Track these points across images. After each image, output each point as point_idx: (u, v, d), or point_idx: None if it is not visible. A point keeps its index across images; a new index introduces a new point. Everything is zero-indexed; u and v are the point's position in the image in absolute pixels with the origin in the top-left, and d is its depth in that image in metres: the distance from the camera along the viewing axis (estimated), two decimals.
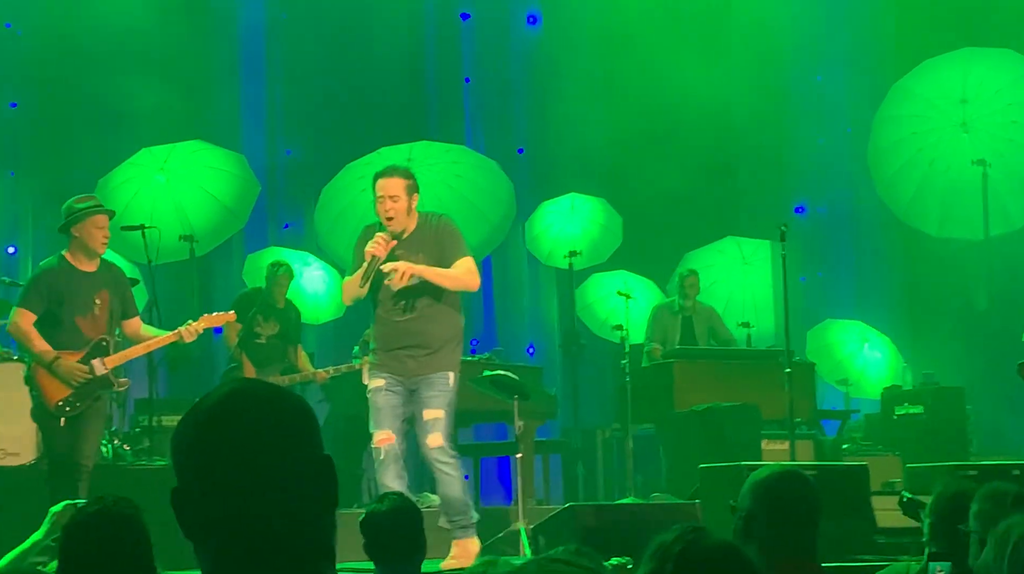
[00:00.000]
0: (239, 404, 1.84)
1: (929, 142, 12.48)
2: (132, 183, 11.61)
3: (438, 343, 7.48)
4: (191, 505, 1.83)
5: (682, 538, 2.43)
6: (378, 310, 7.59)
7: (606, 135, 13.75)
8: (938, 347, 12.95)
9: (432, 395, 7.40)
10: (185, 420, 1.87)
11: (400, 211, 7.35)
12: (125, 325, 7.95)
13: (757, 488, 3.96)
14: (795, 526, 3.88)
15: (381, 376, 7.50)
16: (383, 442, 7.43)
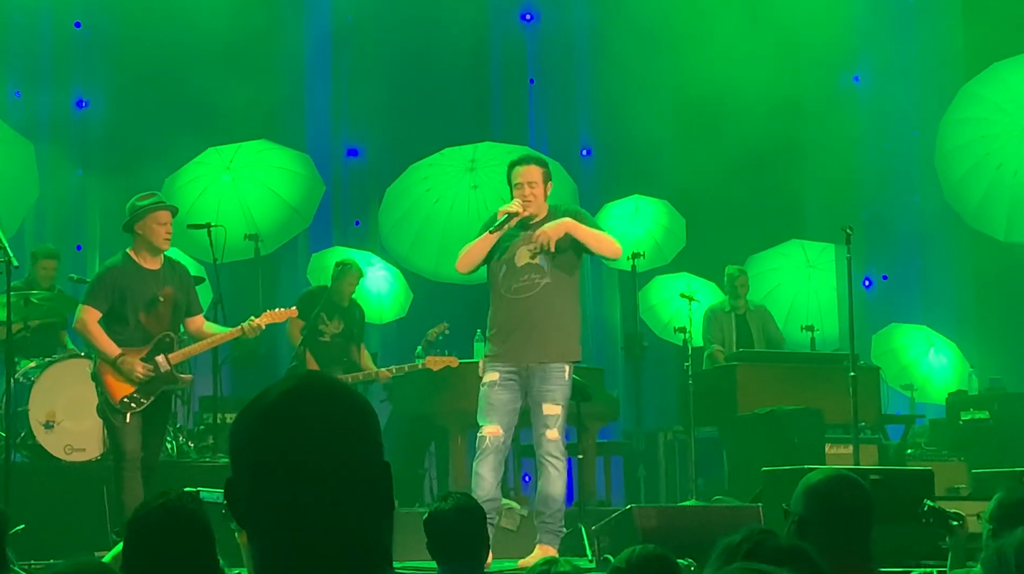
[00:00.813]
0: (301, 400, 1.80)
1: (996, 146, 12.33)
2: (198, 182, 11.72)
3: (556, 329, 7.55)
4: (243, 498, 1.80)
5: (749, 539, 2.42)
6: (497, 291, 7.68)
7: (671, 137, 13.72)
8: (1004, 352, 12.81)
9: (549, 390, 7.48)
10: (245, 412, 1.84)
11: (538, 196, 7.64)
12: (189, 322, 8.01)
13: (810, 492, 3.92)
14: (848, 530, 3.84)
15: (496, 369, 7.57)
16: (490, 433, 7.53)
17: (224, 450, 9.97)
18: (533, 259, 7.56)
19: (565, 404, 7.57)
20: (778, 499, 7.30)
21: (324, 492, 1.77)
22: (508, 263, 7.61)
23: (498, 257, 7.65)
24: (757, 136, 13.24)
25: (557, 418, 7.47)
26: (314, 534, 1.76)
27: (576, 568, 4.62)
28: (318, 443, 1.77)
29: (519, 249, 7.59)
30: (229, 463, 1.85)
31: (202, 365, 10.13)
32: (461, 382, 10.59)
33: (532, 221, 7.63)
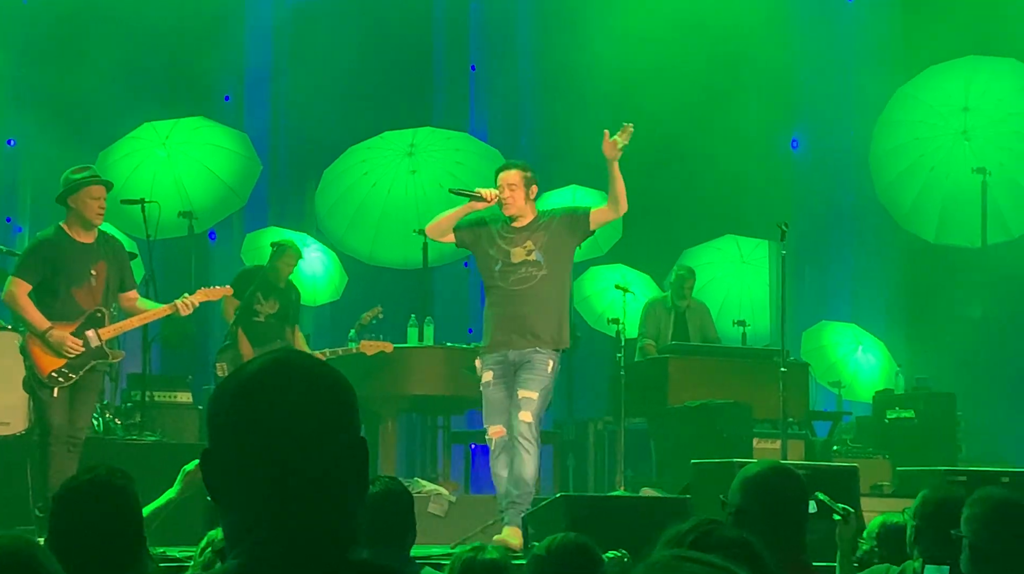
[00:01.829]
0: (280, 374, 1.80)
1: (930, 149, 12.48)
2: (133, 157, 11.61)
3: (549, 318, 7.99)
4: (218, 470, 1.80)
5: (697, 529, 2.43)
6: (495, 285, 8.08)
7: (610, 126, 13.73)
8: (931, 353, 12.97)
9: (529, 378, 7.89)
10: (224, 384, 1.84)
11: (517, 199, 8.01)
12: (122, 298, 7.94)
13: (747, 483, 3.95)
14: (786, 522, 3.87)
15: (489, 367, 8.01)
16: (496, 434, 7.99)
17: (151, 428, 9.90)
18: (529, 256, 7.99)
19: (543, 395, 7.92)
20: (706, 491, 7.37)
21: (299, 466, 1.77)
22: (504, 260, 8.03)
23: (494, 252, 8.06)
24: (696, 129, 13.31)
25: (531, 402, 7.83)
26: (286, 508, 1.76)
27: (504, 553, 4.63)
28: (295, 416, 1.78)
29: (514, 247, 8.02)
30: (207, 434, 1.84)
31: (132, 342, 10.05)
32: (394, 367, 10.59)
33: (515, 223, 8.05)
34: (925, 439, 11.13)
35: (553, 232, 8.05)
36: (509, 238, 8.05)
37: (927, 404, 11.52)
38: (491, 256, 8.07)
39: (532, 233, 8.05)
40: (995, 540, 4.05)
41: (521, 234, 8.04)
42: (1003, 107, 12.28)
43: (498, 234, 8.09)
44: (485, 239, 8.12)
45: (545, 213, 8.19)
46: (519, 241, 8.02)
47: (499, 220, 8.10)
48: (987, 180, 11.98)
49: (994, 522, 4.07)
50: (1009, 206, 12.35)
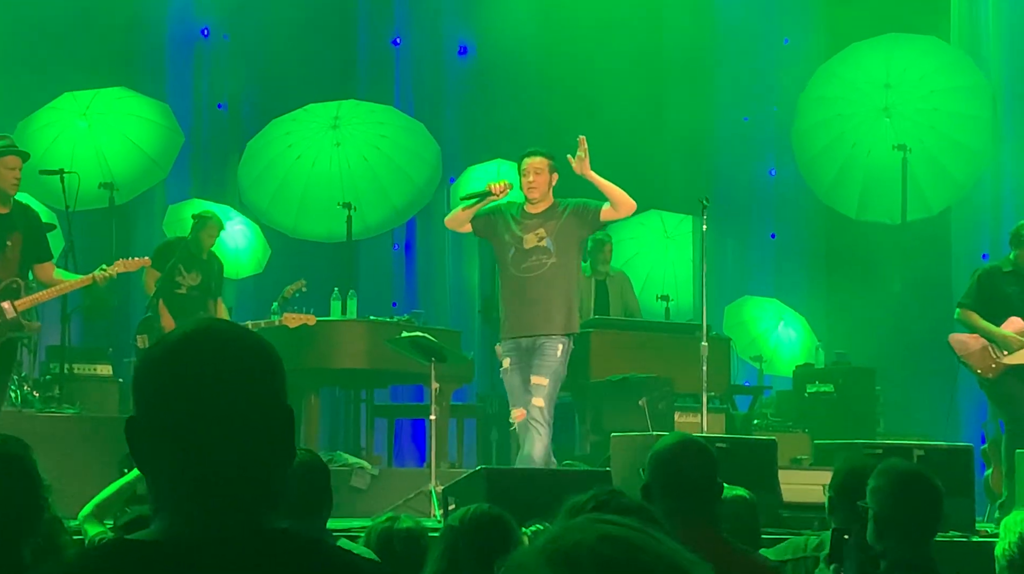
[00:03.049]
0: (206, 341, 1.81)
1: (851, 125, 12.59)
2: (52, 127, 11.47)
3: (558, 304, 8.29)
4: (143, 437, 1.80)
5: (596, 498, 2.45)
6: (507, 271, 8.41)
7: (535, 101, 13.74)
8: (851, 328, 13.12)
9: (540, 364, 8.24)
10: (150, 351, 1.84)
11: (540, 185, 8.34)
12: (38, 269, 7.85)
13: (655, 458, 3.96)
14: (692, 496, 3.87)
15: (507, 354, 8.36)
16: (518, 417, 8.38)
17: (70, 401, 9.79)
18: (540, 242, 8.27)
19: (554, 379, 8.26)
20: (625, 465, 7.42)
21: (222, 432, 1.77)
22: (517, 246, 8.31)
23: (507, 239, 8.35)
24: (619, 103, 13.34)
25: (542, 388, 8.19)
26: (209, 474, 1.77)
27: (417, 523, 4.63)
28: (219, 383, 1.78)
29: (528, 233, 8.29)
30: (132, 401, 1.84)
31: (51, 314, 9.93)
32: (317, 340, 10.54)
33: (531, 208, 8.35)
34: (844, 413, 11.27)
35: (565, 222, 8.34)
36: (524, 223, 8.35)
37: (846, 378, 11.66)
38: (506, 242, 8.39)
39: (546, 221, 8.33)
40: (898, 511, 4.11)
41: (535, 220, 8.34)
42: (924, 84, 12.41)
43: (513, 219, 8.39)
44: (501, 225, 8.39)
45: (561, 202, 8.45)
46: (532, 227, 8.31)
47: (515, 205, 8.44)
48: (907, 157, 12.12)
49: (897, 494, 4.13)
50: (929, 183, 12.50)
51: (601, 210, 8.38)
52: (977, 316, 9.25)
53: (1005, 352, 9.11)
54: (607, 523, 1.24)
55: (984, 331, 9.18)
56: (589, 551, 1.19)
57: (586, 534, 1.21)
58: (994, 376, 9.19)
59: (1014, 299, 9.20)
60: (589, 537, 1.20)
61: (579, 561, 1.18)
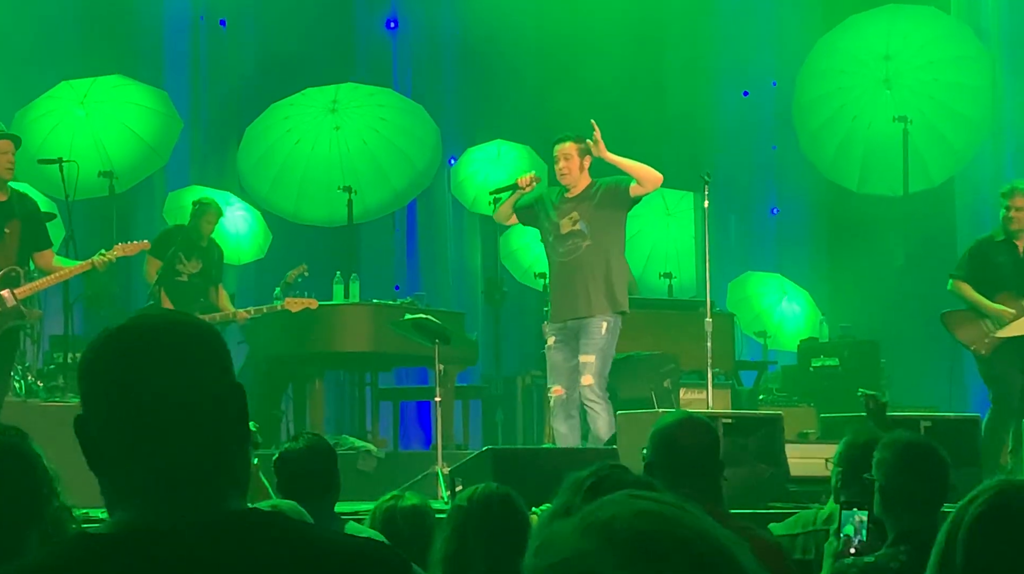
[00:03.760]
0: (149, 329, 1.81)
1: (852, 97, 12.55)
2: (50, 116, 11.43)
3: (599, 286, 8.40)
4: (94, 432, 1.79)
5: (596, 473, 2.43)
6: (551, 256, 8.62)
7: (534, 82, 13.71)
8: (855, 301, 13.09)
9: (585, 342, 8.35)
10: (92, 343, 1.83)
11: (572, 170, 8.46)
12: (37, 257, 7.83)
13: (656, 436, 3.95)
14: (693, 472, 3.86)
15: (551, 333, 8.51)
16: (555, 393, 8.48)
17: (74, 390, 9.76)
18: (575, 226, 8.44)
19: (601, 356, 8.34)
20: (632, 442, 7.40)
21: (169, 418, 1.76)
22: (554, 232, 8.50)
23: (547, 226, 8.55)
24: (619, 82, 13.31)
25: (590, 365, 8.30)
26: (161, 461, 1.76)
27: (423, 501, 4.62)
28: (162, 369, 1.77)
29: (563, 218, 8.46)
30: (80, 399, 1.84)
31: (53, 303, 9.92)
32: (320, 325, 10.53)
33: (568, 193, 8.49)
34: (849, 386, 11.22)
35: (597, 203, 8.45)
36: (560, 208, 8.52)
37: (851, 352, 11.64)
38: (546, 228, 8.60)
39: (579, 204, 8.47)
40: (904, 482, 4.09)
41: (570, 204, 8.50)
42: (924, 55, 12.36)
43: (552, 205, 8.56)
44: (541, 212, 8.58)
45: (595, 183, 8.56)
46: (567, 211, 8.47)
47: (555, 190, 8.63)
48: (908, 128, 12.08)
49: (903, 465, 4.11)
50: (930, 154, 12.46)
51: (630, 187, 8.45)
52: (969, 287, 9.17)
53: (997, 327, 9.04)
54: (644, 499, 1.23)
55: (976, 303, 9.10)
56: (625, 525, 1.17)
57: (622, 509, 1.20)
58: (987, 352, 9.10)
59: (1005, 268, 9.12)
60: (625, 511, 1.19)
61: (615, 535, 1.17)
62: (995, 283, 9.12)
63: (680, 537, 1.17)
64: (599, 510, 1.22)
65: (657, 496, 1.24)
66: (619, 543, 1.16)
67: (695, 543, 1.17)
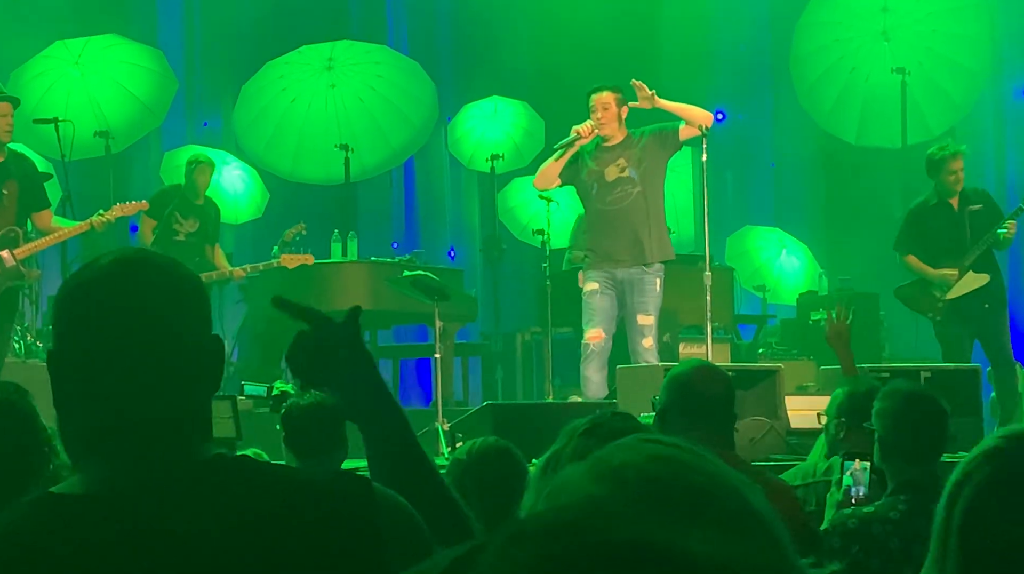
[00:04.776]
0: (123, 272, 1.76)
1: (850, 50, 12.49)
2: (46, 76, 11.39)
3: (651, 232, 8.29)
4: (64, 371, 1.75)
5: (592, 420, 2.43)
6: (592, 206, 8.44)
7: (530, 37, 13.65)
8: (854, 254, 13.08)
9: (642, 301, 8.24)
10: (67, 282, 1.79)
11: (610, 119, 8.32)
12: (36, 217, 7.83)
13: (672, 381, 3.99)
14: (709, 418, 3.90)
15: (595, 279, 8.34)
16: (593, 339, 8.31)
17: None
18: (623, 173, 8.29)
19: (657, 312, 8.33)
20: (631, 396, 7.42)
21: (145, 360, 1.73)
22: (599, 180, 8.32)
23: (585, 176, 8.37)
24: (614, 37, 13.25)
25: (651, 327, 8.26)
26: (133, 405, 1.72)
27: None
28: (139, 313, 1.74)
29: (607, 167, 8.29)
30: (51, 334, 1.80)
31: (51, 264, 9.90)
32: (318, 283, 10.52)
33: (607, 143, 8.33)
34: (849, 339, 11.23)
35: (645, 148, 8.34)
36: (602, 158, 8.35)
37: (850, 304, 11.60)
38: (585, 179, 8.40)
39: (625, 150, 8.34)
40: (902, 431, 4.10)
41: (613, 152, 8.34)
42: (922, 7, 12.30)
43: (589, 155, 8.38)
44: (579, 165, 8.38)
45: (636, 132, 8.43)
46: (612, 159, 8.31)
47: (591, 143, 8.40)
48: (906, 80, 12.03)
49: (900, 414, 4.13)
50: (929, 105, 12.42)
51: (680, 129, 8.37)
52: (915, 258, 9.44)
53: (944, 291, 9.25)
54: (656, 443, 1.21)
55: (922, 273, 9.36)
56: (638, 470, 1.16)
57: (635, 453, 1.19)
58: (941, 318, 9.33)
59: (942, 231, 9.28)
60: (638, 456, 1.18)
61: (627, 480, 1.16)
62: (936, 246, 9.33)
63: (694, 483, 1.16)
64: (611, 455, 1.21)
65: (670, 440, 1.23)
66: (631, 489, 1.16)
67: (710, 488, 1.16)
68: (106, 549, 1.64)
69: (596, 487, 1.16)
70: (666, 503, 1.14)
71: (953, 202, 9.33)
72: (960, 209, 9.36)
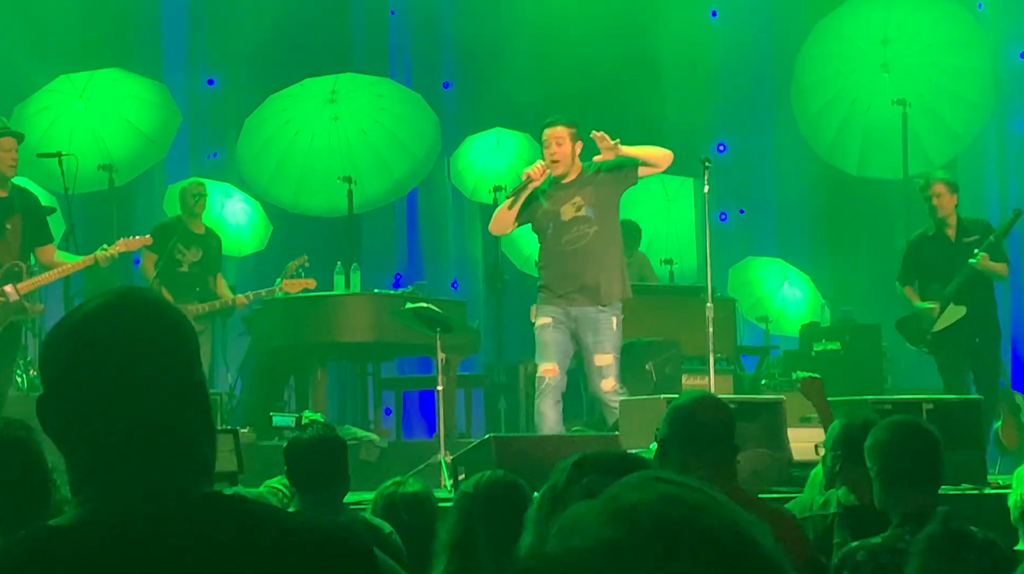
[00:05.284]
0: (114, 312, 1.77)
1: (851, 81, 12.54)
2: (50, 111, 11.44)
3: (608, 273, 8.09)
4: (55, 413, 1.77)
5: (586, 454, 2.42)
6: (548, 246, 8.22)
7: (533, 70, 13.69)
8: (856, 285, 13.09)
9: (599, 341, 8.04)
10: (59, 325, 1.80)
11: (565, 155, 8.06)
12: (39, 252, 7.85)
13: (673, 413, 3.99)
14: (709, 450, 3.90)
15: (548, 314, 8.15)
16: (548, 372, 8.15)
17: None
18: (579, 212, 8.06)
19: (616, 352, 8.12)
20: (634, 428, 7.41)
21: (139, 401, 1.74)
22: (554, 220, 8.10)
23: (540, 216, 8.15)
24: (616, 70, 13.30)
25: (611, 367, 8.07)
26: (128, 446, 1.74)
27: (424, 487, 4.63)
28: (131, 355, 1.75)
29: (563, 205, 8.07)
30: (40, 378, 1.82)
31: (54, 298, 9.92)
32: (321, 315, 10.54)
33: (562, 179, 8.10)
34: (851, 370, 11.24)
35: (600, 184, 8.13)
36: (557, 196, 8.12)
37: (852, 336, 11.63)
38: (540, 220, 8.18)
39: (580, 188, 8.12)
40: (901, 463, 4.11)
41: (569, 190, 8.11)
42: (921, 39, 12.35)
43: (543, 194, 8.14)
44: (533, 204, 8.18)
45: (590, 166, 8.19)
46: (567, 198, 8.09)
47: (545, 180, 8.16)
48: (907, 111, 12.06)
49: (897, 445, 4.14)
50: (929, 137, 12.46)
51: (638, 168, 8.20)
52: (910, 290, 9.74)
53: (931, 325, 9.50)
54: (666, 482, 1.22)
55: (912, 304, 9.63)
56: (649, 512, 1.17)
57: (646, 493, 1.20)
58: (930, 350, 9.68)
59: (937, 262, 9.44)
60: (649, 496, 1.19)
61: (640, 522, 1.16)
62: (932, 277, 9.57)
63: (705, 526, 1.17)
64: (621, 494, 1.21)
65: (678, 479, 1.24)
66: (644, 532, 1.16)
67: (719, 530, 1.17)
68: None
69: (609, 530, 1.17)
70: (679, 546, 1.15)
71: (950, 232, 9.44)
72: (957, 239, 9.44)
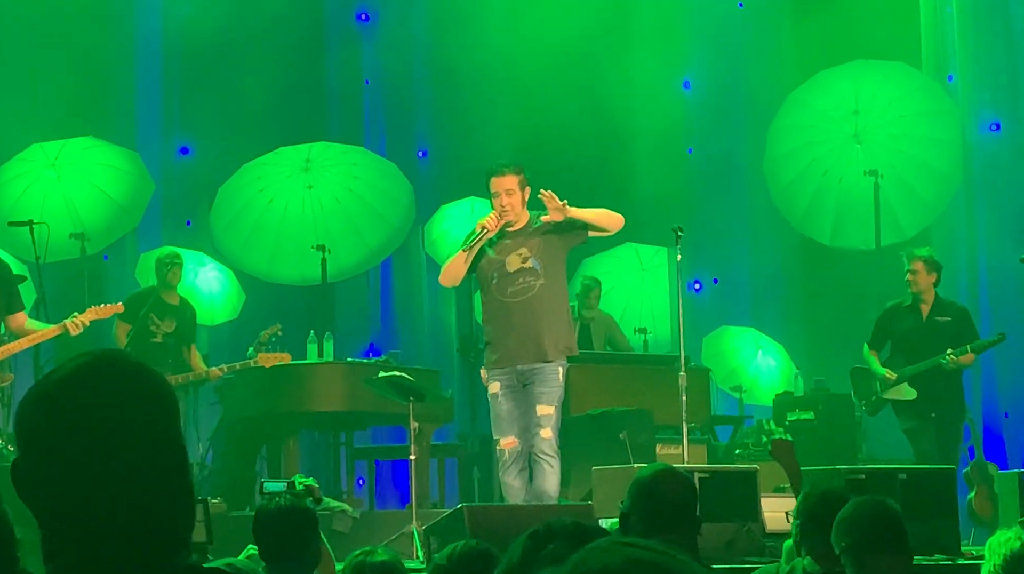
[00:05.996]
0: (92, 377, 1.73)
1: (822, 152, 12.65)
2: (22, 179, 11.44)
3: (554, 326, 7.89)
4: (30, 479, 1.72)
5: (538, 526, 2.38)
6: (492, 297, 7.97)
7: (507, 140, 13.74)
8: (829, 355, 13.10)
9: (543, 391, 7.84)
10: (35, 389, 1.76)
11: (515, 204, 7.87)
12: (10, 319, 7.81)
13: (635, 487, 3.98)
14: (671, 524, 3.87)
15: (496, 379, 7.94)
16: (507, 445, 7.99)
17: None
18: (525, 263, 7.85)
19: (558, 405, 7.94)
20: (607, 497, 7.38)
21: (115, 472, 1.70)
22: (499, 270, 7.90)
23: (484, 265, 7.96)
24: (591, 141, 13.38)
25: (550, 418, 7.85)
26: (105, 515, 1.69)
27: (393, 556, 4.58)
28: (108, 419, 1.71)
29: (508, 255, 7.88)
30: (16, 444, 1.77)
31: (24, 366, 9.84)
32: (294, 384, 10.49)
33: (511, 227, 7.91)
34: (825, 440, 11.24)
35: (547, 237, 7.91)
36: (502, 245, 7.91)
37: (826, 405, 11.64)
38: (484, 269, 7.96)
39: (527, 239, 7.91)
40: (878, 528, 4.11)
41: (516, 239, 7.90)
42: (892, 110, 12.48)
43: (489, 244, 7.93)
44: (479, 255, 7.98)
45: (538, 215, 7.96)
46: (513, 247, 7.89)
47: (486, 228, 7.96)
48: (879, 182, 12.16)
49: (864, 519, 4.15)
50: (902, 207, 12.55)
51: (588, 228, 8.01)
52: (871, 353, 10.03)
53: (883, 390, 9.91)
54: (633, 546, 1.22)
55: (870, 366, 9.98)
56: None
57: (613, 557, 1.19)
58: (872, 412, 10.17)
59: (909, 332, 9.65)
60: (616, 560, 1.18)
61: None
62: (898, 348, 9.92)
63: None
64: (589, 559, 1.21)
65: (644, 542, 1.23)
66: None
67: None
68: None
69: None
70: None
71: (924, 308, 9.67)
72: (929, 317, 9.62)
